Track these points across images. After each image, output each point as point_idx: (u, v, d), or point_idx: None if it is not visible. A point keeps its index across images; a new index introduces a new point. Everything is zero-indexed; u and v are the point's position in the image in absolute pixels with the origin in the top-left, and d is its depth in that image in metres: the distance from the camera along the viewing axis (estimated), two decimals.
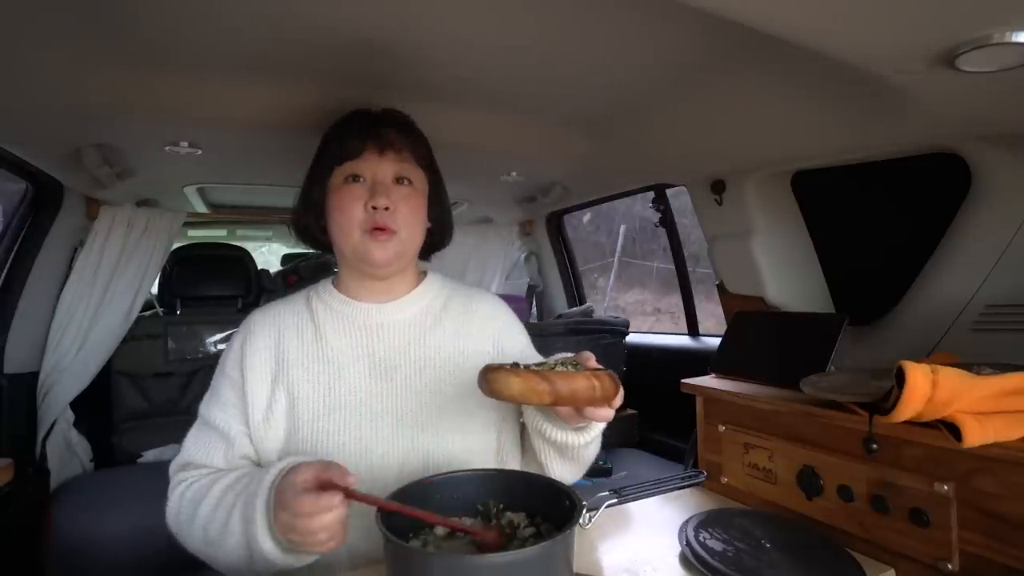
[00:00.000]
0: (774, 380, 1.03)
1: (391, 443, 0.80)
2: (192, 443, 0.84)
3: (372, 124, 0.87)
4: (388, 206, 0.82)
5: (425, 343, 0.87)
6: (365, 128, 0.86)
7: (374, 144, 0.84)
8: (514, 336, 0.96)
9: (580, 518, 0.57)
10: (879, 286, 1.31)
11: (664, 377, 1.29)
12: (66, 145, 1.30)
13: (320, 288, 0.92)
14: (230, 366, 0.85)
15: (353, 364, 0.84)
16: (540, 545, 0.55)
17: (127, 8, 0.80)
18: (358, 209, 0.82)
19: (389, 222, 0.82)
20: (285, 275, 3.18)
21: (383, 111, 0.92)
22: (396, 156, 0.85)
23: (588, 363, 0.69)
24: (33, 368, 1.73)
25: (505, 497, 0.69)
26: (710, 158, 1.41)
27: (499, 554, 0.57)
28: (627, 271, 7.42)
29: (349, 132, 0.87)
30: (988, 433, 0.65)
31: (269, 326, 0.87)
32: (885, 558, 0.79)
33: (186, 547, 0.78)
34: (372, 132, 0.85)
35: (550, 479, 0.68)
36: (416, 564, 0.54)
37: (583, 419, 0.70)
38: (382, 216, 0.82)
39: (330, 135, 0.92)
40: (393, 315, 0.88)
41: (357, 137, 0.85)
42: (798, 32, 0.64)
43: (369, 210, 0.82)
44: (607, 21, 0.84)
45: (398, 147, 0.85)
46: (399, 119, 0.91)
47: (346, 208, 0.83)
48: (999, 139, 0.99)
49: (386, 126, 0.87)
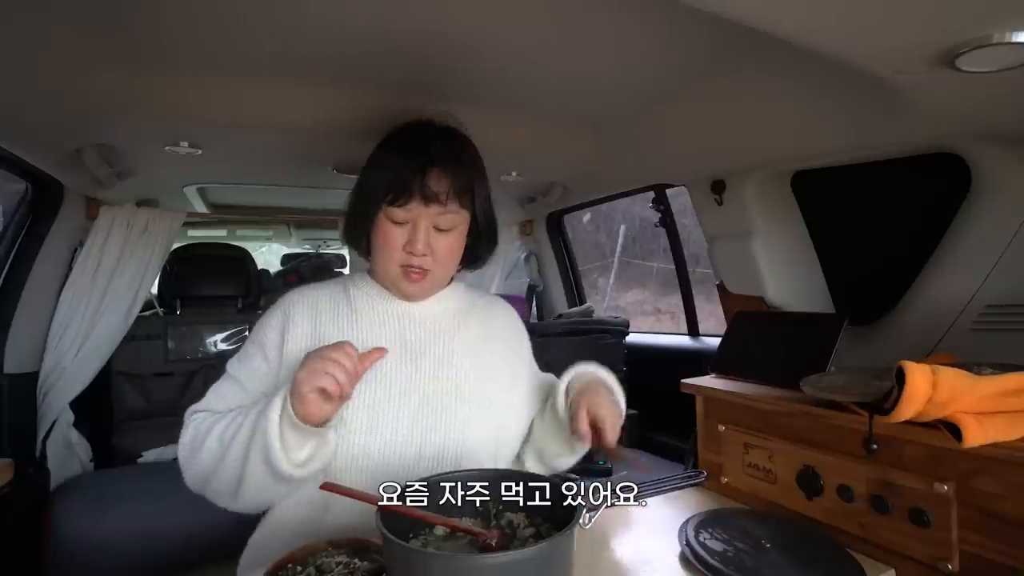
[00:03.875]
0: (774, 380, 1.03)
1: (414, 421, 0.83)
2: (214, 392, 0.87)
3: (423, 162, 0.84)
4: (425, 252, 0.85)
5: (452, 338, 0.92)
6: (415, 169, 0.83)
7: (420, 194, 0.83)
8: (525, 345, 1.04)
9: (580, 518, 0.57)
10: (879, 286, 1.31)
11: (664, 377, 1.29)
12: (66, 145, 1.30)
13: (357, 279, 0.96)
14: (269, 344, 0.87)
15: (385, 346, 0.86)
16: (540, 545, 0.55)
17: (128, 9, 0.80)
18: (397, 250, 0.86)
19: (424, 264, 0.86)
20: (285, 275, 3.19)
21: (438, 135, 0.89)
22: (440, 207, 0.84)
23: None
24: (33, 368, 1.73)
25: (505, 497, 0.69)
26: (710, 158, 1.41)
27: (499, 554, 0.58)
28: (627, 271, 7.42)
29: (400, 167, 0.84)
30: (988, 433, 0.65)
31: (309, 308, 0.89)
32: (885, 558, 0.79)
33: (188, 479, 0.81)
34: (420, 179, 0.83)
35: (551, 478, 0.68)
36: (417, 564, 0.54)
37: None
38: (419, 260, 0.86)
39: (384, 156, 0.89)
40: (423, 309, 0.93)
41: (405, 180, 0.83)
42: (798, 32, 0.64)
43: (407, 253, 0.85)
44: (607, 22, 0.84)
45: (444, 199, 0.84)
46: (453, 152, 0.87)
47: (386, 247, 0.86)
48: (999, 139, 0.99)
49: (437, 166, 0.84)
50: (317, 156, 1.51)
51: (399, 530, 0.57)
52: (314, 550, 0.65)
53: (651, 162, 1.55)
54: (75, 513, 1.56)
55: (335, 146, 1.41)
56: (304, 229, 3.71)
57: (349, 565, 0.63)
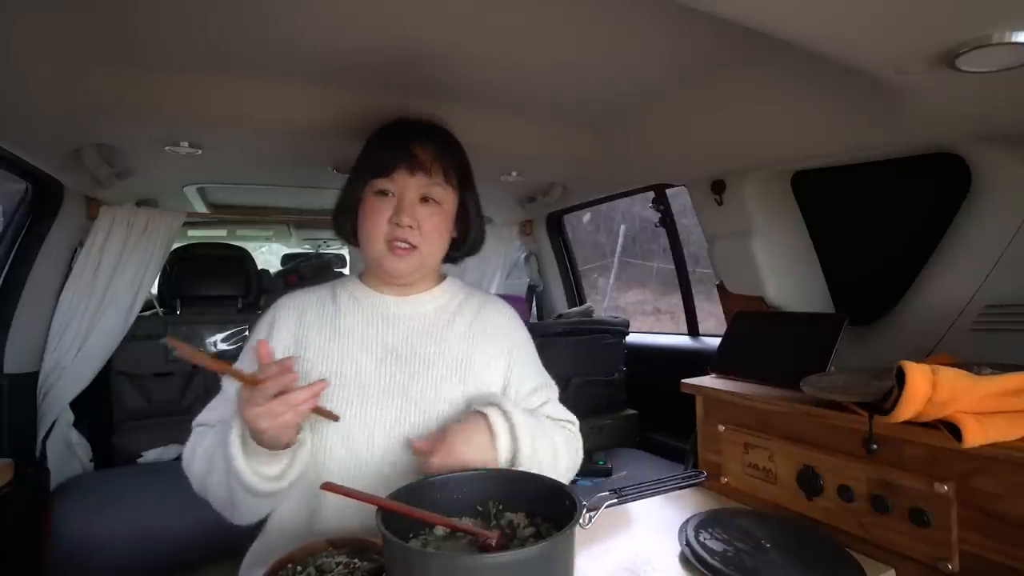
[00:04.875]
0: (774, 380, 1.03)
1: (395, 426, 0.83)
2: (210, 406, 0.89)
3: (407, 140, 0.88)
4: (411, 224, 0.86)
5: (437, 340, 0.91)
6: (400, 145, 0.88)
7: (405, 163, 0.86)
8: (523, 349, 0.99)
9: (580, 518, 0.57)
10: (879, 286, 1.31)
11: (664, 377, 1.29)
12: (66, 145, 1.30)
13: (347, 280, 0.97)
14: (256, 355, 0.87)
15: (366, 351, 0.88)
16: (540, 545, 0.55)
17: (127, 8, 0.80)
18: (383, 222, 0.86)
19: (410, 237, 0.86)
20: (285, 275, 3.18)
21: (422, 124, 0.93)
22: (425, 177, 0.87)
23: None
24: (33, 368, 1.73)
25: (505, 497, 0.69)
26: (710, 158, 1.41)
27: (499, 554, 0.58)
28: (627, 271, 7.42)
29: (385, 147, 0.89)
30: (988, 433, 0.65)
31: (294, 310, 0.91)
32: (885, 558, 0.79)
33: (192, 486, 0.83)
34: (405, 150, 0.87)
35: (551, 479, 0.68)
36: (415, 564, 0.54)
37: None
38: (404, 232, 0.86)
39: (370, 144, 0.94)
40: (410, 309, 0.92)
41: (390, 153, 0.87)
42: (798, 33, 0.64)
43: (392, 225, 0.86)
44: (608, 22, 0.84)
45: (428, 167, 0.87)
46: (436, 135, 0.92)
47: (372, 220, 0.87)
48: (999, 139, 0.99)
49: (422, 142, 0.88)
50: (317, 156, 1.51)
51: (399, 530, 0.57)
52: (314, 550, 0.65)
53: (651, 162, 1.55)
54: (75, 513, 1.56)
55: (335, 146, 1.41)
56: (304, 229, 3.71)
57: (349, 565, 0.63)
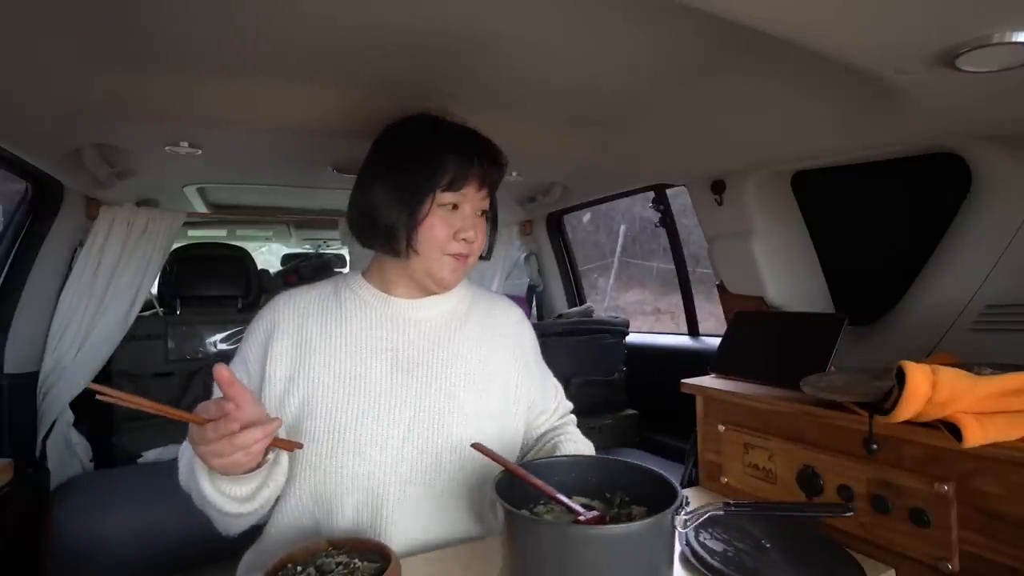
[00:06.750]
0: (774, 380, 1.03)
1: (407, 437, 0.81)
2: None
3: (476, 154, 0.86)
4: (476, 238, 0.87)
5: (448, 345, 0.89)
6: (468, 159, 0.84)
7: (476, 179, 0.85)
8: (533, 349, 1.02)
9: (682, 502, 0.61)
10: (879, 286, 1.31)
11: (664, 377, 1.29)
12: (66, 145, 1.30)
13: (350, 279, 0.93)
14: (252, 358, 0.86)
15: (375, 357, 0.85)
16: (648, 520, 0.58)
17: (128, 9, 0.80)
18: (449, 235, 0.85)
19: (472, 251, 0.88)
20: (285, 275, 3.19)
21: (481, 136, 0.90)
22: (485, 190, 0.88)
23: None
24: (33, 368, 1.73)
25: (606, 483, 0.73)
26: (710, 158, 1.40)
27: (611, 526, 0.63)
28: (627, 271, 7.42)
29: (453, 160, 0.83)
30: (988, 433, 0.65)
31: (294, 311, 0.88)
32: (885, 558, 0.79)
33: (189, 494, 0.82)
34: (475, 165, 0.85)
35: (654, 470, 0.70)
36: (540, 533, 0.59)
37: None
38: (469, 246, 0.87)
39: (426, 150, 0.85)
40: (422, 312, 0.91)
41: (463, 168, 0.84)
42: (798, 32, 0.64)
43: (460, 240, 0.86)
44: (607, 21, 0.84)
45: (488, 182, 0.88)
46: (493, 149, 0.89)
47: (441, 232, 0.85)
48: (999, 139, 0.99)
49: (487, 161, 0.86)
50: (317, 156, 1.51)
51: (514, 502, 0.62)
52: (314, 550, 0.65)
53: (651, 162, 1.55)
54: (75, 513, 1.56)
55: (335, 146, 1.41)
56: (304, 229, 3.71)
57: (349, 565, 0.63)
